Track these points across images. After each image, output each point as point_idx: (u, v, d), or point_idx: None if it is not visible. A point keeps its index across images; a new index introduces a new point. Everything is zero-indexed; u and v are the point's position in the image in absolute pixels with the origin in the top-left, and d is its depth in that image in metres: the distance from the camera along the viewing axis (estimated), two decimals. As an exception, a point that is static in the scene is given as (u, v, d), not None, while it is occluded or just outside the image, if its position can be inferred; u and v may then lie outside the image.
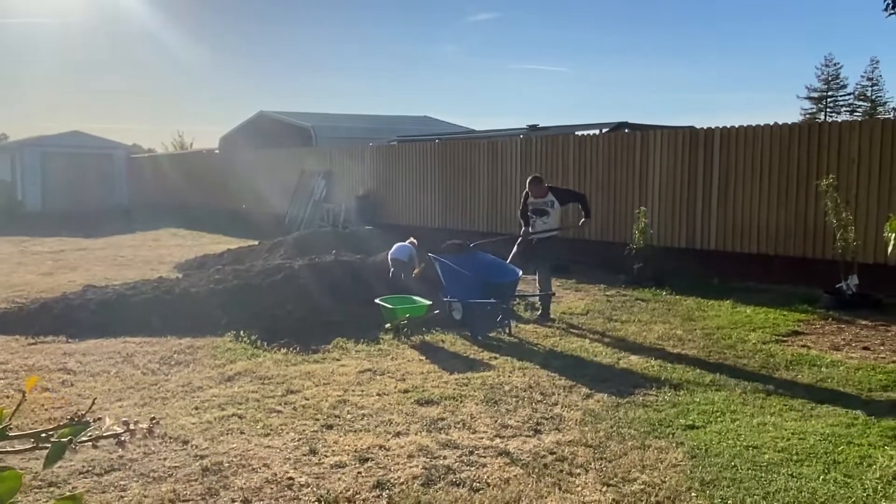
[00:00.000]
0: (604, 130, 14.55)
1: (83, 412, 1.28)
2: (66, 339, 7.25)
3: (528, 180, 8.54)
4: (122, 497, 3.78)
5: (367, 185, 17.71)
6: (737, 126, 10.78)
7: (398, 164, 16.77)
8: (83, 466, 4.12)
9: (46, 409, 5.04)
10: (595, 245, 12.63)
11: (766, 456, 4.20)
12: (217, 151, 26.69)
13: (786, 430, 4.61)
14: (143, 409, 5.09)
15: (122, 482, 3.95)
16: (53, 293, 9.39)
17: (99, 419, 1.24)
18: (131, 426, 1.23)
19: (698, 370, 6.02)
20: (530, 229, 8.37)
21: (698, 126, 11.38)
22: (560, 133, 14.06)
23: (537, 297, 8.35)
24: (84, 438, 1.20)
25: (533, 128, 16.45)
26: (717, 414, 4.93)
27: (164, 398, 5.36)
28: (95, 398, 5.32)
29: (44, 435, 1.22)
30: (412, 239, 9.44)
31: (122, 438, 1.23)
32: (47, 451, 1.18)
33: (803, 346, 6.82)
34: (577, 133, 13.59)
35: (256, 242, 13.02)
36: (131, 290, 8.50)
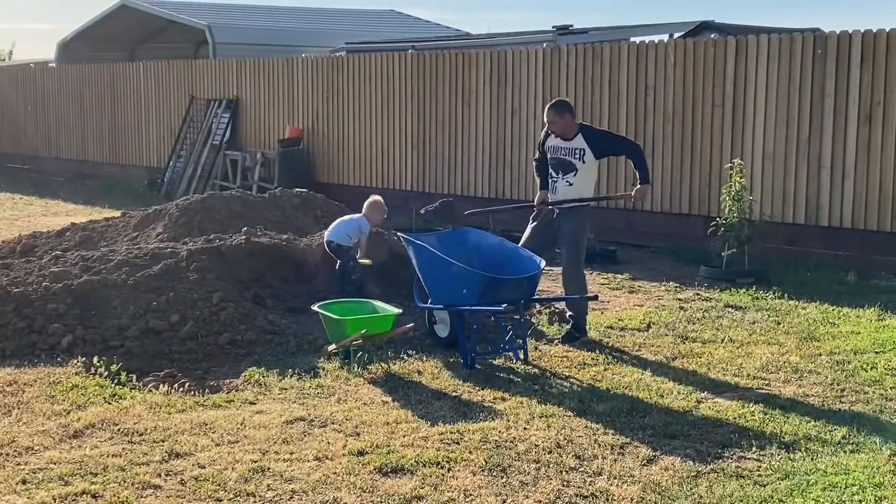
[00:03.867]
0: (677, 35, 14.54)
1: None
2: None
3: (547, 108, 8.43)
4: None
5: (298, 123, 17.60)
6: (888, 29, 10.81)
7: (348, 88, 16.69)
8: None
9: None
10: (659, 219, 12.66)
11: (932, 556, 4.25)
12: (53, 65, 26.37)
13: (962, 514, 4.66)
14: (-63, 484, 5.04)
15: None
16: None
17: None
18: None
19: (824, 420, 6.04)
20: (549, 194, 8.27)
21: (826, 28, 11.39)
22: (607, 39, 14.02)
23: (569, 303, 8.35)
24: None
25: (563, 30, 16.41)
26: (854, 490, 4.96)
27: (-29, 465, 5.31)
28: None
29: None
30: (376, 198, 9.31)
31: None
32: None
33: None
34: (633, 39, 13.56)
35: (118, 213, 12.92)
36: (-83, 289, 8.40)
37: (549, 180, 8.27)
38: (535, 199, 8.43)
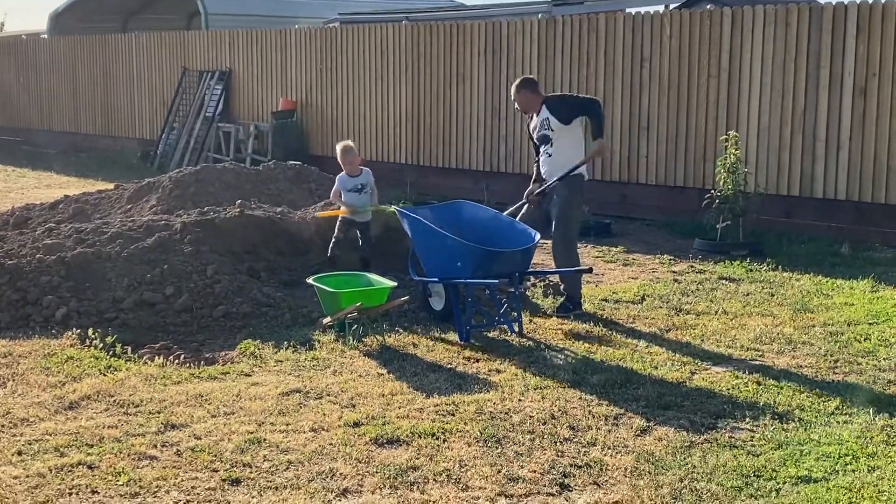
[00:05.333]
0: (672, 6, 14.48)
1: None
2: None
3: (512, 88, 8.63)
4: None
5: (291, 95, 17.54)
6: (884, 1, 10.78)
7: (341, 60, 16.63)
8: None
9: None
10: (654, 191, 12.66)
11: (923, 524, 4.29)
12: (44, 37, 26.22)
13: (953, 483, 4.69)
14: (-66, 455, 5.06)
15: None
16: None
17: None
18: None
19: (817, 390, 6.09)
20: (533, 182, 8.42)
21: None
22: (602, 10, 13.95)
23: (562, 275, 8.37)
24: None
25: (559, 1, 16.31)
26: (847, 459, 5.00)
27: (-33, 437, 5.34)
28: None
29: None
30: (342, 144, 9.30)
31: None
32: None
33: (981, 351, 6.92)
34: (629, 10, 13.51)
35: (112, 186, 12.91)
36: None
37: (537, 159, 8.46)
38: (527, 192, 8.53)
